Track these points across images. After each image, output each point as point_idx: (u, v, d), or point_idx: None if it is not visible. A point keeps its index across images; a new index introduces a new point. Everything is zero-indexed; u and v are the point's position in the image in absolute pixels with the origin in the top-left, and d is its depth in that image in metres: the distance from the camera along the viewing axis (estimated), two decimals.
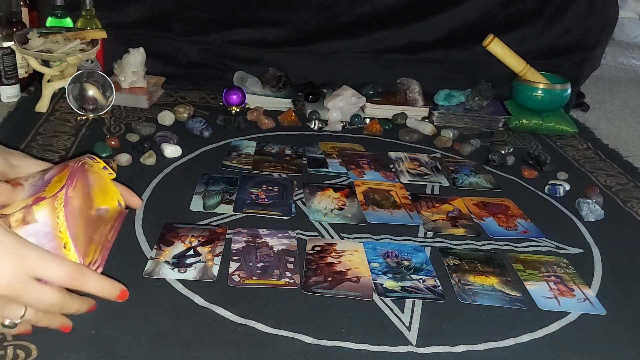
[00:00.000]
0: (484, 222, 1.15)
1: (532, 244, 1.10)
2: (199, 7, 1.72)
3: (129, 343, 0.75)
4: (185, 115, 1.49)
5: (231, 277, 0.89)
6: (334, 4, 1.76)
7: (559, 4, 1.80)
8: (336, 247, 1.01)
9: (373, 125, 1.57)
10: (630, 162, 1.54)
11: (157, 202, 1.10)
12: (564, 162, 1.49)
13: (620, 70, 2.59)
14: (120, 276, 0.88)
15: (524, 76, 1.69)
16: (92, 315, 0.79)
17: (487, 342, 0.82)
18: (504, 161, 1.43)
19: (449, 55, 1.82)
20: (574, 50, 1.84)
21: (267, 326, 0.80)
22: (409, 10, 1.78)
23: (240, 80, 1.67)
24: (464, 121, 1.68)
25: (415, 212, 1.16)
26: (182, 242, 0.97)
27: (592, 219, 1.20)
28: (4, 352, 0.70)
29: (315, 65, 1.79)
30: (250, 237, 1.01)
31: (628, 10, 3.24)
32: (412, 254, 1.01)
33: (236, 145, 1.39)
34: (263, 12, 1.74)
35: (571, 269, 1.02)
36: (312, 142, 1.46)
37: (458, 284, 0.94)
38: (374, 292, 0.90)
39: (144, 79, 1.61)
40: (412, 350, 0.79)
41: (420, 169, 1.37)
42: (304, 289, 0.89)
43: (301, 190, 1.20)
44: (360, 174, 1.30)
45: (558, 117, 1.70)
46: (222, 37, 1.74)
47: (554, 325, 0.87)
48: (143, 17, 1.71)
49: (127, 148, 1.29)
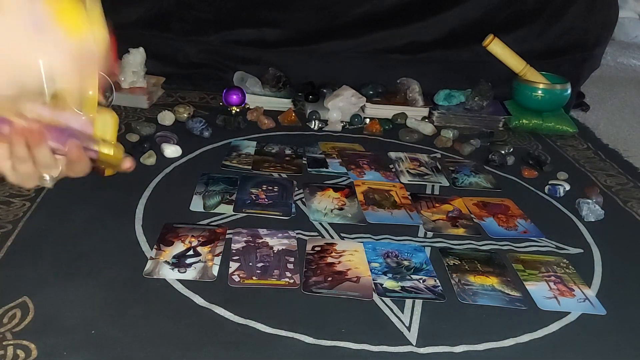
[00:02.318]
0: (484, 222, 1.15)
1: (532, 244, 1.10)
2: (199, 7, 1.72)
3: (129, 343, 0.75)
4: (185, 115, 1.49)
5: (231, 277, 0.89)
6: (334, 4, 1.76)
7: (559, 4, 1.80)
8: (336, 247, 1.01)
9: (373, 125, 1.57)
10: (630, 162, 1.54)
11: (157, 202, 1.10)
12: (564, 162, 1.49)
13: (620, 70, 2.58)
14: (121, 276, 0.88)
15: (524, 76, 1.69)
16: (92, 315, 0.79)
17: (487, 342, 0.82)
18: (504, 161, 1.43)
19: (449, 55, 1.82)
20: (574, 50, 1.84)
21: (267, 326, 0.80)
22: (409, 10, 1.78)
23: (240, 80, 1.67)
24: (464, 121, 1.68)
25: (415, 212, 1.16)
26: (182, 242, 0.97)
27: (592, 219, 1.20)
28: (4, 352, 0.70)
29: (315, 65, 1.79)
30: (250, 237, 1.01)
31: (628, 10, 3.24)
32: (412, 254, 1.01)
33: (236, 145, 1.39)
34: (263, 12, 1.74)
35: (571, 269, 1.02)
36: (312, 142, 1.46)
37: (458, 284, 0.94)
38: (374, 292, 0.90)
39: (144, 79, 1.61)
40: (412, 350, 0.79)
41: (420, 169, 1.37)
42: (304, 289, 0.89)
43: (301, 190, 1.20)
44: (360, 174, 1.30)
45: (558, 117, 1.70)
46: (222, 37, 1.74)
47: (554, 325, 0.87)
48: (143, 17, 1.71)
49: (127, 148, 1.29)
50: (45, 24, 0.44)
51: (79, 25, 0.46)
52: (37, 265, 0.89)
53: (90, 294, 0.84)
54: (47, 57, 0.44)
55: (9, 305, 0.80)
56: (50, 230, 0.98)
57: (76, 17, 0.46)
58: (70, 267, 0.89)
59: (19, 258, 0.90)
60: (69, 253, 0.92)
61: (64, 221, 1.00)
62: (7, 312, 0.78)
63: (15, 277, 0.86)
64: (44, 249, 0.93)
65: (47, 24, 0.44)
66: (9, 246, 0.92)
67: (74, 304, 0.81)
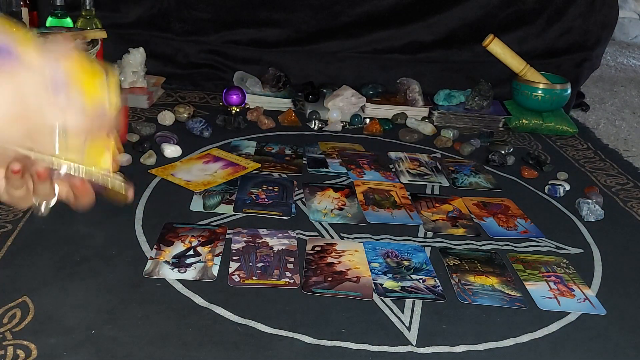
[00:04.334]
0: (484, 222, 1.15)
1: (532, 244, 1.10)
2: (199, 7, 1.72)
3: (129, 343, 0.75)
4: (185, 115, 1.49)
5: (231, 277, 0.89)
6: (334, 4, 1.76)
7: (559, 4, 1.80)
8: (336, 247, 1.01)
9: (373, 125, 1.57)
10: (630, 162, 1.54)
11: (157, 202, 1.10)
12: (564, 162, 1.49)
13: (620, 70, 2.59)
14: (121, 276, 0.88)
15: (524, 76, 1.69)
16: (92, 315, 0.79)
17: (487, 342, 0.82)
18: (504, 161, 1.43)
19: (449, 55, 1.82)
20: (573, 50, 1.84)
21: (267, 326, 0.80)
22: (409, 10, 1.78)
23: (240, 80, 1.67)
24: (464, 121, 1.68)
25: (415, 212, 1.16)
26: (182, 242, 0.97)
27: (592, 219, 1.20)
28: (3, 352, 0.70)
29: (315, 65, 1.79)
30: (250, 237, 1.01)
31: (628, 10, 3.24)
32: (412, 254, 1.01)
33: (236, 145, 1.39)
34: (263, 12, 1.75)
35: (571, 269, 1.02)
36: (312, 142, 1.46)
37: (458, 284, 0.94)
38: (374, 292, 0.90)
39: (144, 79, 1.61)
40: (412, 350, 0.79)
41: (420, 169, 1.37)
42: (304, 289, 0.89)
43: (301, 190, 1.20)
44: (360, 174, 1.30)
45: (558, 117, 1.70)
46: (222, 37, 1.75)
47: (554, 325, 0.87)
48: (143, 17, 1.71)
49: (127, 148, 1.29)
50: (65, 84, 0.46)
51: (96, 89, 0.49)
52: (37, 265, 0.89)
53: (90, 294, 0.84)
54: (62, 115, 0.46)
55: (9, 305, 0.80)
56: (50, 230, 0.98)
57: (95, 81, 0.49)
58: (70, 267, 0.89)
59: (19, 258, 0.90)
60: (69, 253, 0.92)
61: (64, 221, 1.00)
62: (7, 312, 0.78)
63: (15, 277, 0.86)
64: (44, 249, 0.93)
65: (66, 84, 0.46)
66: (9, 246, 0.92)
67: (74, 304, 0.81)
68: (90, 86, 0.48)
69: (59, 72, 0.46)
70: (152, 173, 1.20)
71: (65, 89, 0.46)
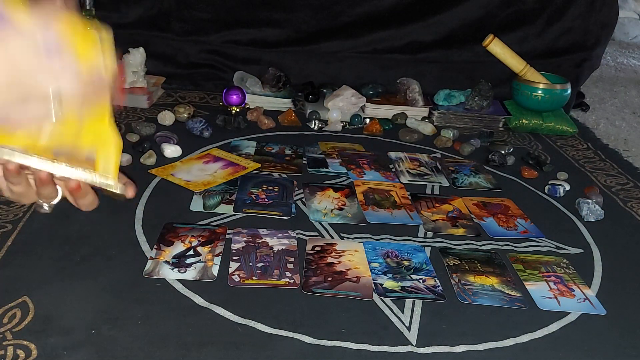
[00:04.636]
0: (484, 222, 1.15)
1: (532, 244, 1.10)
2: (199, 7, 1.72)
3: (129, 343, 0.75)
4: (185, 115, 1.49)
5: (231, 277, 0.89)
6: (334, 4, 1.76)
7: (559, 4, 1.80)
8: (336, 247, 1.01)
9: (373, 125, 1.57)
10: (630, 162, 1.54)
11: (157, 202, 1.10)
12: (564, 162, 1.49)
13: (620, 70, 2.59)
14: (120, 276, 0.88)
15: (524, 76, 1.69)
16: (92, 315, 0.79)
17: (487, 342, 0.82)
18: (504, 161, 1.43)
19: (449, 55, 1.82)
20: (573, 50, 1.84)
21: (267, 326, 0.80)
22: (409, 10, 1.78)
23: (240, 80, 1.67)
24: (464, 121, 1.68)
25: (415, 212, 1.16)
26: (182, 242, 0.97)
27: (592, 219, 1.20)
28: (4, 352, 0.70)
29: (315, 65, 1.79)
30: (250, 237, 1.01)
31: (628, 10, 3.24)
32: (412, 254, 1.01)
33: (236, 145, 1.39)
34: (263, 12, 1.74)
35: (571, 269, 1.02)
36: (312, 142, 1.46)
37: (458, 284, 0.94)
38: (374, 292, 0.90)
39: (144, 79, 1.61)
40: (412, 350, 0.79)
41: (420, 169, 1.37)
42: (304, 289, 0.89)
43: (301, 190, 1.20)
44: (360, 174, 1.30)
45: (558, 117, 1.70)
46: (222, 37, 1.74)
47: (554, 325, 0.87)
48: (143, 17, 1.71)
49: (127, 148, 1.29)
50: (58, 48, 0.44)
51: (91, 53, 0.47)
52: (37, 265, 0.89)
53: (90, 294, 0.84)
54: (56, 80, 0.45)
55: (9, 305, 0.80)
56: (50, 230, 0.98)
57: (89, 44, 0.47)
58: (70, 267, 0.89)
59: (19, 258, 0.90)
60: (69, 253, 0.92)
61: (63, 221, 1.00)
62: (7, 312, 0.78)
63: (15, 277, 0.86)
64: (44, 249, 0.93)
65: (59, 48, 0.44)
66: (9, 246, 0.92)
67: (74, 304, 0.81)
68: (84, 50, 0.46)
69: (52, 35, 0.44)
70: (152, 173, 1.20)
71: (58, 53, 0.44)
